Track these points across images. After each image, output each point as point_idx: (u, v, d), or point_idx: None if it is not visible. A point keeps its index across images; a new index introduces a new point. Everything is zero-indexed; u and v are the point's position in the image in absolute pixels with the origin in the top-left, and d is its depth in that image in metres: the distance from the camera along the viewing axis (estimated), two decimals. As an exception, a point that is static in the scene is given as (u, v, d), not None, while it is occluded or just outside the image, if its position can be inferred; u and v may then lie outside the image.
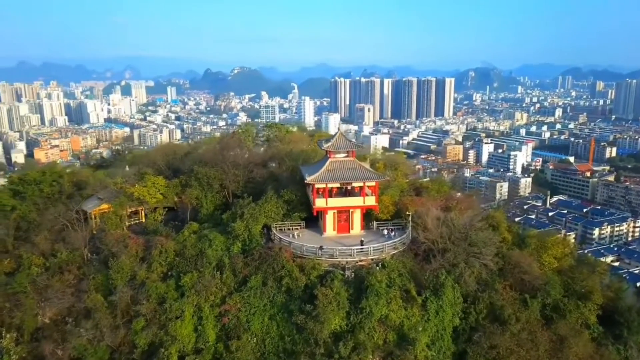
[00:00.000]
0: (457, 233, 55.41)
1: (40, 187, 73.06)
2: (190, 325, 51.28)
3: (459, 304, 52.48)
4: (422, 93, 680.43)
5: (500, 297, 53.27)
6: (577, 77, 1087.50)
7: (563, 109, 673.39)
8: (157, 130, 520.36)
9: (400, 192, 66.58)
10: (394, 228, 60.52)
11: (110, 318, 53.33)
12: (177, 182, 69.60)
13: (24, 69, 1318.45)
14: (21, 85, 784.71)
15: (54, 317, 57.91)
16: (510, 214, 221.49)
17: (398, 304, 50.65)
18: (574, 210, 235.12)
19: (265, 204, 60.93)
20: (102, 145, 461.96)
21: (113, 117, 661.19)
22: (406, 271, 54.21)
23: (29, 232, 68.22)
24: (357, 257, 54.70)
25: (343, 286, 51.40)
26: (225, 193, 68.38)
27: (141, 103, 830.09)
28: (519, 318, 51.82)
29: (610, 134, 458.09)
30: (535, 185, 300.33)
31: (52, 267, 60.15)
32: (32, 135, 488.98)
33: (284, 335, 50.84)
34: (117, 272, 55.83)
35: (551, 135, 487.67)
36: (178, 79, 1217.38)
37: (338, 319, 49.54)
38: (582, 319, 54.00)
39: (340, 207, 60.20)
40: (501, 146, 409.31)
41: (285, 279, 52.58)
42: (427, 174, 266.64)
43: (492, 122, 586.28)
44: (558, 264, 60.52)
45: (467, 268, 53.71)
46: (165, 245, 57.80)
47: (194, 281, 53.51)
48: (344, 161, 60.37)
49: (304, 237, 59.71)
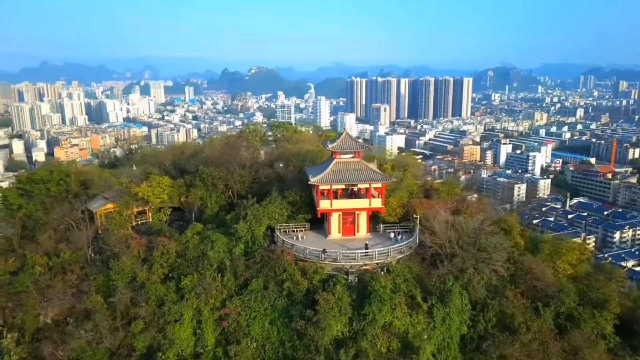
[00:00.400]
0: (466, 237, 53.29)
1: (47, 186, 72.87)
2: (189, 329, 50.23)
3: (467, 312, 50.45)
4: (439, 93, 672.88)
5: (511, 304, 51.17)
6: (600, 77, 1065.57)
7: (585, 109, 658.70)
8: (174, 129, 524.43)
9: (409, 194, 64.66)
10: (401, 231, 58.69)
11: (110, 320, 52.58)
12: (181, 182, 68.73)
13: (46, 69, 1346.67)
14: (44, 85, 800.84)
15: (56, 317, 57.56)
16: (528, 216, 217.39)
17: (403, 311, 48.85)
18: (595, 212, 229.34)
19: (269, 205, 59.64)
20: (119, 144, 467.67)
21: (132, 117, 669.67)
22: (412, 276, 52.36)
23: (35, 231, 68.19)
24: (361, 261, 53.04)
25: (346, 291, 49.76)
26: (230, 193, 67.34)
27: (159, 103, 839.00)
28: (530, 327, 49.65)
29: (633, 134, 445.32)
30: (555, 187, 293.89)
31: (55, 267, 59.80)
32: (52, 134, 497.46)
33: (284, 341, 49.45)
34: (117, 273, 55.10)
35: (572, 136, 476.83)
36: (196, 79, 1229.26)
37: (340, 325, 47.94)
38: (598, 328, 51.61)
39: (346, 209, 58.57)
40: (520, 147, 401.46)
41: (286, 283, 51.22)
42: (443, 175, 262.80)
43: (510, 122, 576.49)
44: (573, 270, 58.12)
45: (476, 274, 51.61)
46: (167, 246, 56.90)
47: (194, 283, 52.44)
48: (349, 162, 58.73)
49: (308, 239, 58.30)
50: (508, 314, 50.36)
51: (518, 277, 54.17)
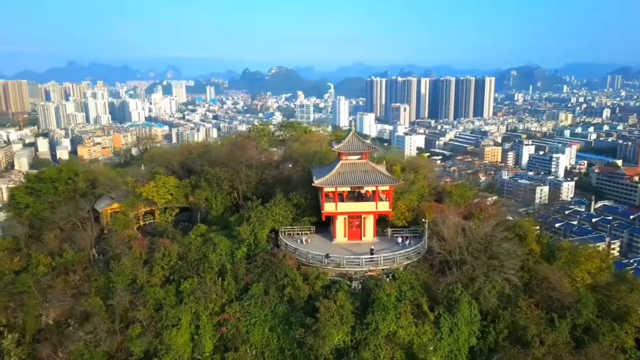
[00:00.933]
0: (476, 244, 50.64)
1: (55, 185, 72.85)
2: (187, 334, 48.84)
3: (477, 322, 47.82)
4: (460, 93, 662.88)
5: (524, 315, 48.40)
6: (627, 77, 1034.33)
7: (611, 110, 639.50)
8: (195, 129, 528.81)
9: (419, 197, 62.24)
10: (410, 236, 56.33)
11: (109, 323, 51.61)
12: (187, 182, 67.64)
13: (72, 69, 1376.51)
14: (69, 85, 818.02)
15: (58, 318, 57.00)
16: (550, 220, 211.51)
17: (408, 320, 46.53)
18: (620, 216, 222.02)
19: (273, 207, 58.00)
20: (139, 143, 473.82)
21: (154, 116, 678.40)
22: (419, 284, 50.01)
23: (42, 230, 67.98)
24: (365, 267, 50.95)
25: (349, 298, 47.71)
26: (235, 194, 65.95)
27: (181, 102, 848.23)
28: (544, 340, 46.78)
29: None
30: (579, 190, 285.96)
31: (58, 267, 59.30)
32: (77, 132, 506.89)
33: (284, 349, 47.66)
34: (117, 274, 54.14)
35: (598, 137, 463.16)
36: (217, 78, 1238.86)
37: (341, 334, 45.89)
38: (618, 342, 48.47)
39: (351, 212, 56.54)
40: (543, 148, 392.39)
41: (287, 288, 49.48)
42: (462, 176, 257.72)
43: (534, 122, 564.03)
44: (592, 279, 54.82)
45: (487, 282, 48.98)
46: (168, 248, 55.78)
47: (193, 287, 51.11)
48: (356, 163, 56.65)
49: (313, 243, 56.48)
50: (521, 326, 47.59)
51: (533, 286, 51.36)
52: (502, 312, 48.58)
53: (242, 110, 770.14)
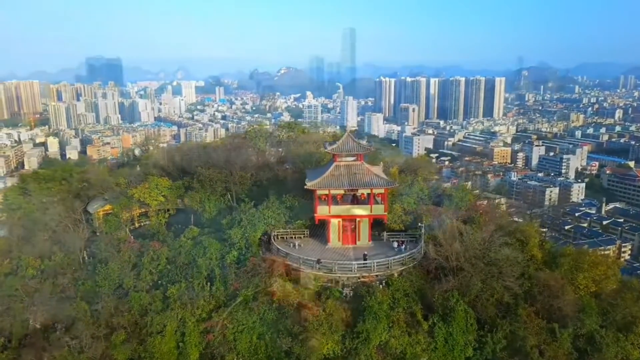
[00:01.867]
0: (473, 250, 48.54)
1: (48, 186, 71.77)
2: (172, 342, 47.25)
3: (473, 332, 45.84)
4: (470, 93, 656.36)
5: (524, 325, 46.42)
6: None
7: (624, 110, 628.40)
8: (203, 129, 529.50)
9: (418, 200, 60.25)
10: (406, 240, 54.36)
11: (93, 328, 50.12)
12: (180, 183, 66.26)
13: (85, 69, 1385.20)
14: (81, 85, 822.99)
15: (45, 322, 55.63)
16: (560, 222, 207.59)
17: (401, 329, 44.79)
18: (632, 219, 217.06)
19: (265, 210, 56.52)
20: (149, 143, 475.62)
21: (163, 116, 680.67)
22: (414, 291, 48.17)
23: (33, 232, 66.87)
24: (358, 273, 49.08)
25: (339, 306, 45.95)
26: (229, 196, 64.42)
27: (190, 102, 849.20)
28: (544, 351, 44.82)
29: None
30: (590, 191, 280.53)
31: (47, 270, 58.13)
32: (86, 132, 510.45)
33: (272, 357, 45.94)
34: (104, 278, 52.87)
35: (610, 138, 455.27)
36: (227, 79, 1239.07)
37: (331, 343, 44.15)
38: (623, 354, 46.38)
39: (345, 215, 54.69)
40: (553, 149, 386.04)
41: (277, 294, 47.70)
42: (469, 178, 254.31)
43: (544, 123, 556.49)
44: (597, 287, 52.45)
45: (484, 290, 46.89)
46: (157, 252, 54.44)
47: (181, 292, 49.62)
48: (350, 165, 54.82)
49: (307, 247, 54.80)
50: (520, 336, 45.61)
51: (533, 294, 49.30)
52: (501, 322, 46.62)
53: (250, 110, 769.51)
